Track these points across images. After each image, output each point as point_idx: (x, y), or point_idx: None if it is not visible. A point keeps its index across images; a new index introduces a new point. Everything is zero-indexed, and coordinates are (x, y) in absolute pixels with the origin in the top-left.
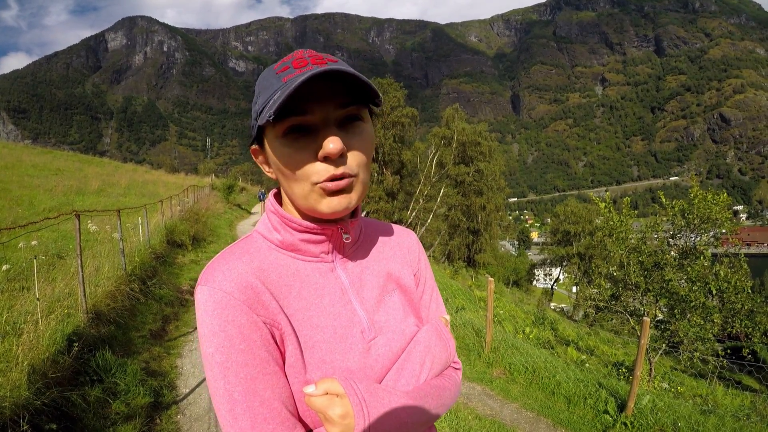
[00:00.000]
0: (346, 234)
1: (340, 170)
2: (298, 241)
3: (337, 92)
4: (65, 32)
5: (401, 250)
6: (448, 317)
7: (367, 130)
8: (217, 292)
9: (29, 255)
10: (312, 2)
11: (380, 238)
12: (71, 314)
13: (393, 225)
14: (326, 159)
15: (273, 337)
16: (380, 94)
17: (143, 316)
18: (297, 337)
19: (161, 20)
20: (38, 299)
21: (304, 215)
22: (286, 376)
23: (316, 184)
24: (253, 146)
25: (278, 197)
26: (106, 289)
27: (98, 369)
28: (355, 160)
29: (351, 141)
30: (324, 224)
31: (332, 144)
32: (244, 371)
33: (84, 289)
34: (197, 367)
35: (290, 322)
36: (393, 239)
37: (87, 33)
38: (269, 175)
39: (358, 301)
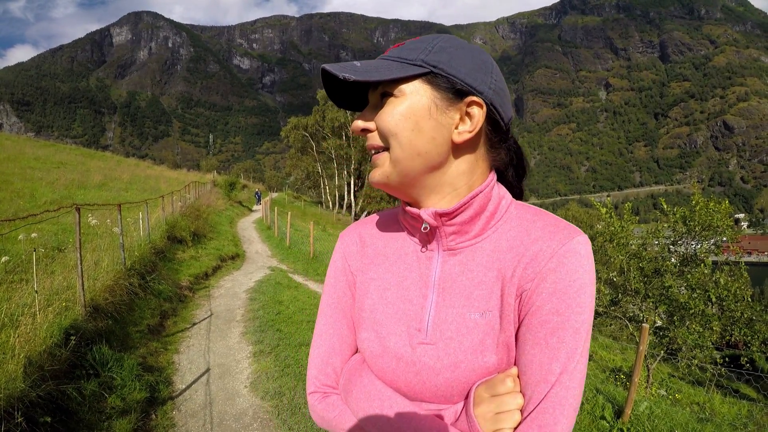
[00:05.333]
0: (425, 223)
1: (368, 144)
2: (406, 219)
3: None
4: (72, 25)
5: (522, 259)
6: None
7: (394, 104)
8: (340, 237)
9: (29, 247)
10: (320, 1)
11: (514, 239)
12: (69, 307)
13: (555, 224)
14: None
15: (353, 283)
16: (388, 72)
17: (141, 311)
18: (365, 297)
19: (169, 16)
20: (36, 292)
21: None
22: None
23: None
24: None
25: None
26: (104, 283)
27: (95, 363)
28: (380, 135)
29: (376, 117)
30: (428, 209)
31: (354, 121)
32: (331, 292)
33: (83, 283)
34: (194, 364)
35: (368, 282)
36: (526, 242)
37: (94, 27)
38: None
39: (436, 300)
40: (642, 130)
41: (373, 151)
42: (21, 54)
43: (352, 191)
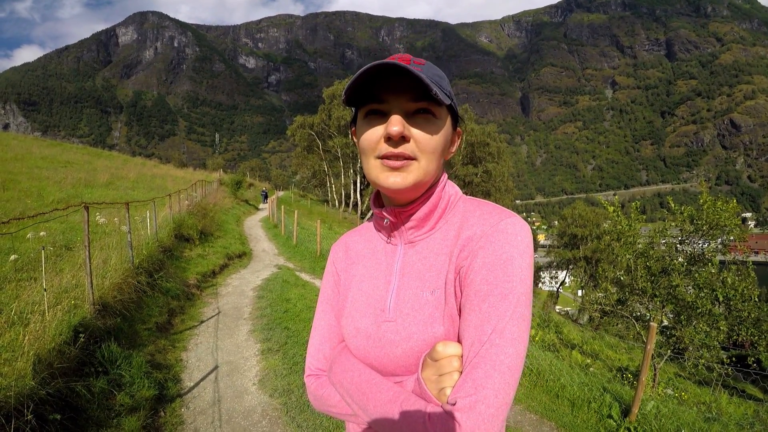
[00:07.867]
0: (386, 219)
1: (398, 149)
2: (376, 220)
3: (411, 88)
4: (78, 26)
5: (459, 242)
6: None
7: (436, 124)
8: (332, 247)
9: (37, 246)
10: (326, 0)
11: (459, 228)
12: (78, 305)
13: (490, 211)
14: (389, 139)
15: (339, 282)
16: (444, 99)
17: (149, 309)
18: (348, 291)
19: (175, 16)
20: (45, 290)
21: (385, 198)
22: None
23: (379, 158)
24: (352, 127)
25: None
26: (113, 281)
27: (104, 360)
28: (416, 145)
29: (416, 129)
30: (387, 208)
31: (394, 126)
32: (323, 292)
33: (91, 281)
34: (202, 361)
35: (350, 279)
36: (465, 228)
37: (100, 27)
38: None
39: (398, 285)
40: (648, 128)
41: (402, 158)
42: (27, 54)
43: (358, 190)
